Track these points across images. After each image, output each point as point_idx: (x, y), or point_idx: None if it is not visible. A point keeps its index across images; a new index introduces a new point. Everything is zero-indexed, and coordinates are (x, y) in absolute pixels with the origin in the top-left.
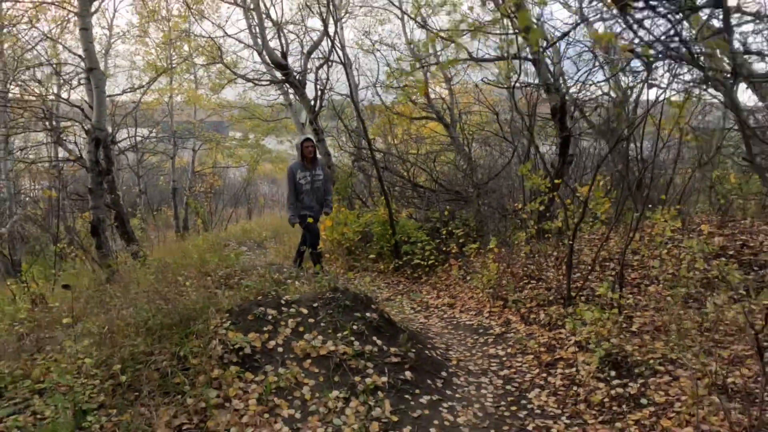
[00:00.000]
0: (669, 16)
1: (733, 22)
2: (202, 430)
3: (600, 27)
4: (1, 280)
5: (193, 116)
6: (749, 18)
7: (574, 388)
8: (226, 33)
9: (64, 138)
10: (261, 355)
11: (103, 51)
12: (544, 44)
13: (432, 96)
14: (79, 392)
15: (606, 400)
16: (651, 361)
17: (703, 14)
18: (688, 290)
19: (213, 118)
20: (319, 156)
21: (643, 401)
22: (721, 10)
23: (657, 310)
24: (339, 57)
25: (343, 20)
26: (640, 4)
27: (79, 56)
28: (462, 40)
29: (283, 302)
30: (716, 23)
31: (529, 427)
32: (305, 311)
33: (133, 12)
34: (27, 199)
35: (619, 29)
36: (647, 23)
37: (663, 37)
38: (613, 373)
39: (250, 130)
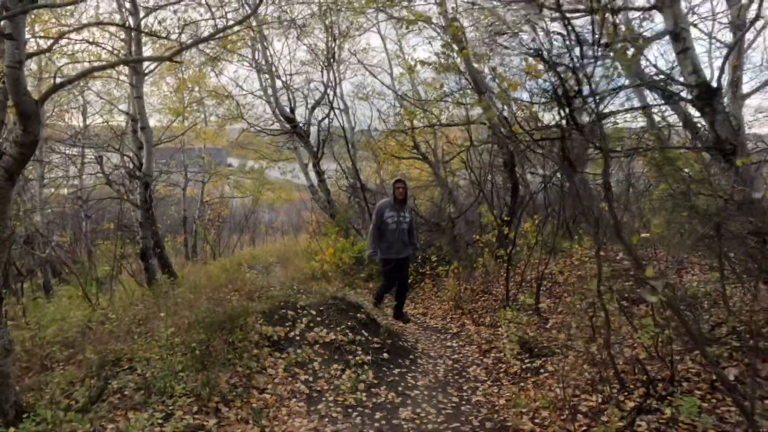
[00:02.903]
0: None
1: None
2: (249, 387)
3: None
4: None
5: (203, 148)
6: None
7: (500, 365)
8: (243, 89)
9: (112, 179)
10: (284, 341)
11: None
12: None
13: (418, 139)
14: (170, 359)
15: (519, 371)
16: (553, 347)
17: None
18: (593, 300)
19: (218, 144)
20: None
21: (542, 371)
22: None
23: (567, 314)
24: (338, 106)
25: (342, 77)
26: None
27: (130, 116)
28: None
29: (298, 306)
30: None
31: (464, 387)
32: (314, 312)
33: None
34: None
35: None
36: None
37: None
38: (527, 355)
39: (253, 160)
